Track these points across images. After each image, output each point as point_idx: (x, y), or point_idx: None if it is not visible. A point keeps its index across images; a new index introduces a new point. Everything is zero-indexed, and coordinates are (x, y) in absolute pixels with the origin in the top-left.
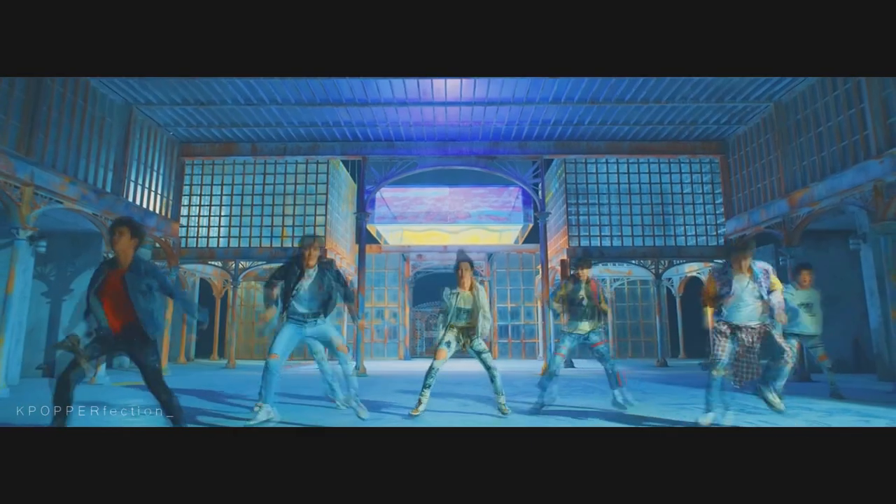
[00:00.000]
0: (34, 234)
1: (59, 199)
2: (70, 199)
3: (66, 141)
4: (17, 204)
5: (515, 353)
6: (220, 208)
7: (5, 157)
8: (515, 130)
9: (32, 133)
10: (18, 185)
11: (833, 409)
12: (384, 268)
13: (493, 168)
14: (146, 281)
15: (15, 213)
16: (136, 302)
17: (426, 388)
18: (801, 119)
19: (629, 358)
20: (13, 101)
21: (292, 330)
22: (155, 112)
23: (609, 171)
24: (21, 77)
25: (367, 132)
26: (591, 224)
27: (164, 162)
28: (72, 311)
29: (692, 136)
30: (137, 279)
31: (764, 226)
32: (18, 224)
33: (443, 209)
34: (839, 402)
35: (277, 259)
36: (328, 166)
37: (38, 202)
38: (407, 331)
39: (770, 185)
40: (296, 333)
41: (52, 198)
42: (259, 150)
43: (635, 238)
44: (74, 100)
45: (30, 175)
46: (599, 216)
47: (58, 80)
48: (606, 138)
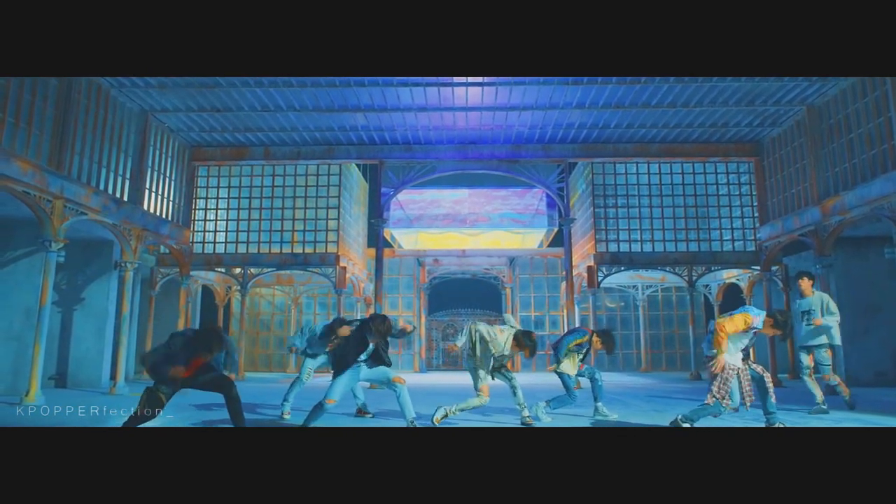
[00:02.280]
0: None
1: (84, 211)
2: (94, 210)
3: (89, 152)
4: (50, 217)
5: (540, 365)
6: (228, 212)
7: (40, 173)
8: (539, 133)
9: (62, 147)
10: (51, 199)
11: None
12: (398, 273)
13: (515, 172)
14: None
15: (48, 225)
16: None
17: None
18: (833, 124)
19: (662, 371)
20: (45, 118)
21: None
22: (169, 118)
23: (639, 172)
24: (49, 78)
25: (384, 136)
26: (620, 228)
27: (175, 167)
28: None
29: (725, 138)
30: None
31: (798, 233)
32: (51, 237)
33: (462, 212)
34: (851, 413)
35: (287, 266)
36: (340, 168)
37: (66, 214)
38: (423, 342)
39: (804, 191)
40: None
41: (78, 209)
42: (272, 154)
43: (667, 243)
44: (97, 111)
45: (60, 188)
46: (629, 219)
47: (83, 93)
48: (634, 140)
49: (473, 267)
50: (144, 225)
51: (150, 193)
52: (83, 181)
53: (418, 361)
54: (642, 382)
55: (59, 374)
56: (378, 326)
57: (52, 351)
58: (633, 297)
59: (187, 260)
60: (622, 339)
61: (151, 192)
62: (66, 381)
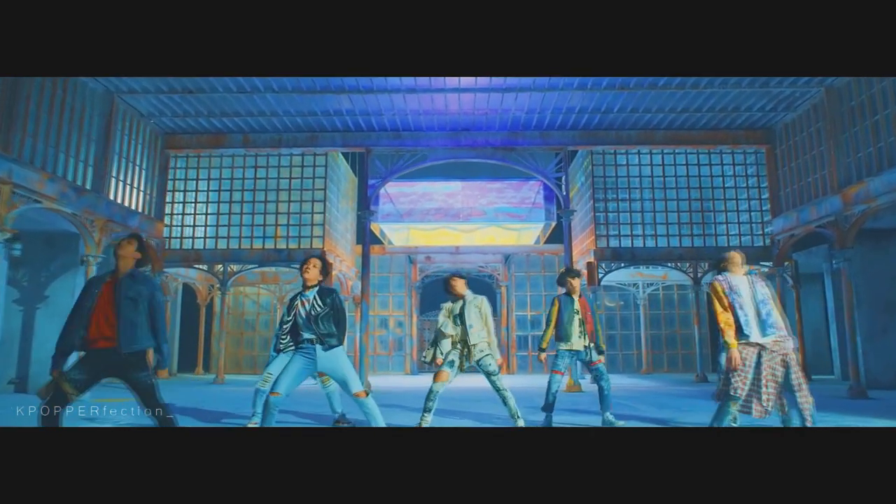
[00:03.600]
0: (11, 236)
1: (37, 198)
2: (49, 198)
3: (44, 134)
4: None
5: (537, 367)
6: (207, 206)
7: None
8: (536, 119)
9: (10, 127)
10: None
11: None
12: (389, 271)
13: (511, 161)
14: (137, 288)
15: None
16: (121, 309)
17: (427, 413)
18: (855, 106)
19: (664, 373)
20: None
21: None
22: (138, 101)
23: (641, 164)
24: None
25: (371, 121)
26: (622, 223)
27: (146, 155)
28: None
29: (735, 125)
30: (130, 285)
31: (815, 225)
32: None
33: (454, 206)
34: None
35: (270, 262)
36: (326, 158)
37: (15, 202)
38: (414, 342)
39: (821, 179)
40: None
41: (30, 197)
42: (252, 141)
43: (671, 238)
44: (54, 90)
45: (7, 172)
46: (630, 213)
47: None
48: (638, 127)
49: (467, 265)
50: (110, 216)
51: (117, 182)
52: (36, 165)
53: (409, 363)
54: (645, 385)
55: (18, 379)
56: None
57: (12, 353)
58: (633, 296)
59: (161, 255)
60: (622, 340)
61: (119, 181)
62: (27, 386)
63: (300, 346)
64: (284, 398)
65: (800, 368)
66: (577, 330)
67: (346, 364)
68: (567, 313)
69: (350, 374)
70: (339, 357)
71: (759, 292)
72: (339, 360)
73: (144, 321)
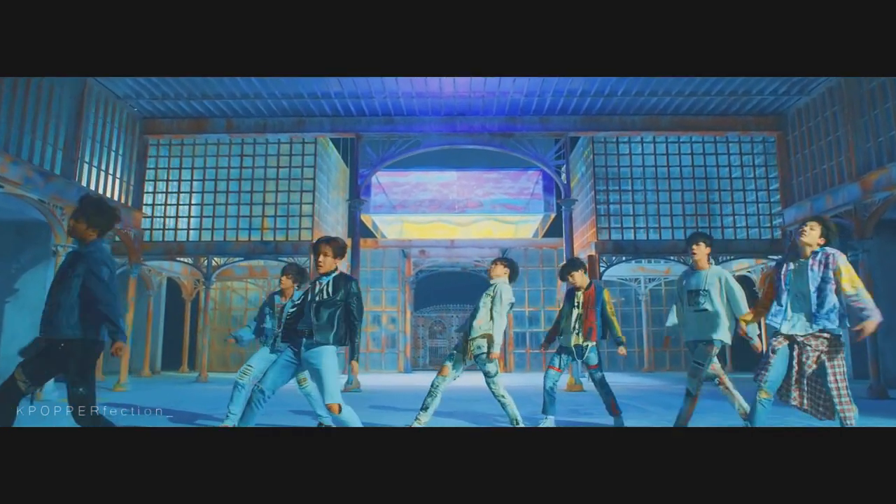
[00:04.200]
0: None
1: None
2: (12, 183)
3: (5, 114)
4: None
5: (535, 365)
6: (191, 196)
7: None
8: (536, 103)
9: None
10: None
11: None
12: (381, 266)
13: (509, 148)
14: (72, 266)
15: None
16: (50, 290)
17: (423, 411)
18: (875, 87)
19: (666, 371)
20: None
21: None
22: (113, 81)
23: (644, 153)
24: None
25: (361, 105)
26: (624, 214)
27: (123, 141)
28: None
29: (744, 110)
30: (64, 263)
31: (831, 214)
32: None
33: (450, 197)
34: None
35: (256, 255)
36: (316, 146)
37: None
38: (408, 339)
39: (838, 167)
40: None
41: None
42: (235, 126)
43: (675, 230)
44: None
45: None
46: (633, 205)
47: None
48: (643, 112)
49: (463, 259)
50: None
51: (90, 168)
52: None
53: (403, 361)
54: (648, 384)
55: None
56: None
57: None
58: (634, 292)
59: (138, 246)
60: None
61: (92, 167)
62: None
63: (292, 338)
64: (270, 395)
65: (840, 372)
66: (572, 326)
67: (327, 368)
68: (566, 307)
69: (328, 380)
70: (323, 357)
71: (808, 280)
72: (321, 361)
73: (73, 303)
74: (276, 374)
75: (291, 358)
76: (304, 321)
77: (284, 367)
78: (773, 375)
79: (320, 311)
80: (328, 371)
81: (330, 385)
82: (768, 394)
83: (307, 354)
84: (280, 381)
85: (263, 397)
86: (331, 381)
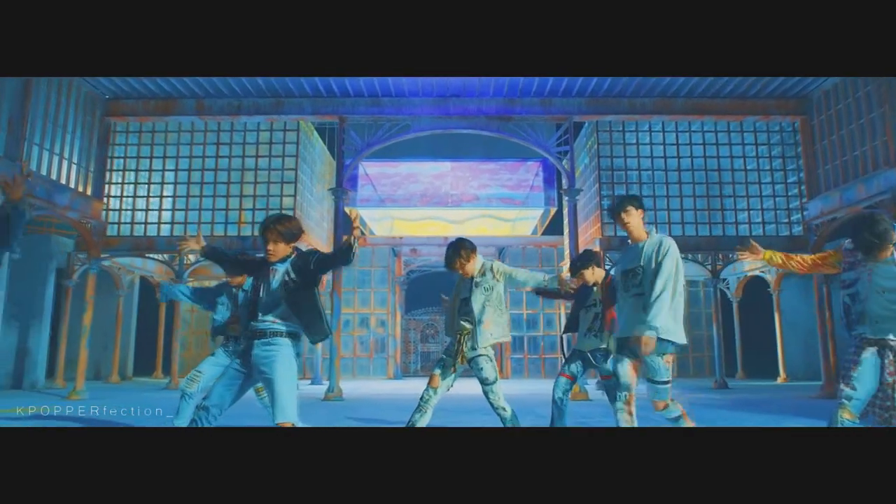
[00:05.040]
0: None
1: None
2: None
3: None
4: None
5: (533, 371)
6: (163, 187)
7: None
8: (537, 83)
9: None
10: None
11: None
12: (370, 265)
13: (507, 132)
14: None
15: None
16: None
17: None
18: None
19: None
20: None
21: None
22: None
23: (653, 143)
24: None
25: (345, 85)
26: None
27: (81, 122)
28: None
29: (765, 92)
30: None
31: (863, 205)
32: None
33: (443, 189)
34: None
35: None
36: (298, 133)
37: None
38: (398, 343)
39: (872, 151)
40: None
41: None
42: (206, 108)
43: (686, 226)
44: None
45: None
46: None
47: None
48: (654, 94)
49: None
50: (28, 189)
51: (42, 151)
52: None
53: (393, 366)
54: None
55: None
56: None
57: None
58: None
59: (98, 240)
60: None
61: (44, 150)
62: None
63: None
64: (218, 415)
65: None
66: (588, 327)
67: (282, 376)
68: (576, 310)
69: (281, 391)
70: (277, 363)
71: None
72: (274, 368)
73: None
74: (223, 388)
75: (239, 367)
76: (253, 318)
77: (234, 377)
78: (860, 392)
79: (284, 301)
80: (282, 380)
81: (283, 398)
82: (853, 415)
83: (258, 359)
84: (228, 397)
85: (208, 416)
86: (285, 392)
